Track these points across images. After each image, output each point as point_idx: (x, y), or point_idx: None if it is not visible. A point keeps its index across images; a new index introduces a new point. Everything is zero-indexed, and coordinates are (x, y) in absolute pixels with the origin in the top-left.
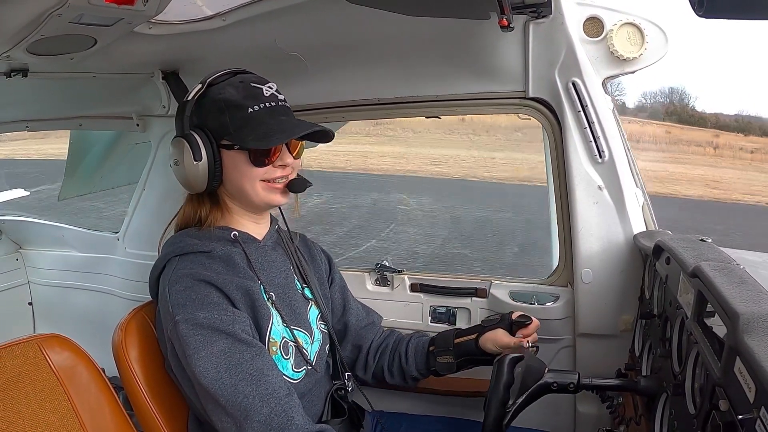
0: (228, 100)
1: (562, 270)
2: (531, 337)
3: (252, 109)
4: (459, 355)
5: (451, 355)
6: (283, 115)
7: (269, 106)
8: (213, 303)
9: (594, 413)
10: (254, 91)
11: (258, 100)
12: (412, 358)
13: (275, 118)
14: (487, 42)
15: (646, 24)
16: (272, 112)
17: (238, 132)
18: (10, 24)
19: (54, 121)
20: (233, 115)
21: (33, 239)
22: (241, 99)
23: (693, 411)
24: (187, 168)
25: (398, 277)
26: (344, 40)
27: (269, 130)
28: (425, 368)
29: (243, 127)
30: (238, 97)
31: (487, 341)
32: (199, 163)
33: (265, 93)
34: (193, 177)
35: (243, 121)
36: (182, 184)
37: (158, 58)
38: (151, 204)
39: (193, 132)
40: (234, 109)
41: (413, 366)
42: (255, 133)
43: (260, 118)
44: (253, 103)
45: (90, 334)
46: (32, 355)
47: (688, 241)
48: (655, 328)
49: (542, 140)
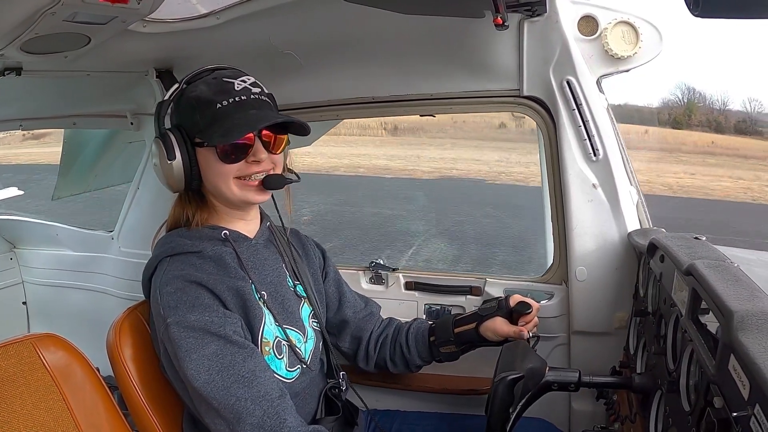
0: (199, 97)
1: (556, 268)
2: (531, 324)
3: (221, 104)
4: (461, 343)
5: (453, 345)
6: (253, 109)
7: (238, 100)
8: (204, 305)
9: (589, 410)
10: (225, 86)
11: (228, 94)
12: (414, 348)
13: (244, 112)
14: (481, 40)
15: (640, 23)
16: (241, 106)
17: (207, 129)
18: (4, 22)
19: (48, 120)
20: (203, 112)
21: (27, 238)
22: (211, 95)
23: (688, 408)
24: (163, 168)
25: (393, 275)
26: (339, 37)
27: (233, 125)
28: (429, 356)
29: (212, 124)
30: (209, 93)
31: (487, 330)
32: (173, 162)
33: (237, 87)
34: (169, 177)
35: (212, 117)
36: (163, 184)
37: (152, 57)
38: (146, 203)
39: (169, 132)
40: (204, 105)
41: (416, 355)
42: (221, 129)
43: (228, 112)
44: (223, 98)
45: (84, 333)
46: (27, 355)
47: (683, 239)
48: (649, 325)
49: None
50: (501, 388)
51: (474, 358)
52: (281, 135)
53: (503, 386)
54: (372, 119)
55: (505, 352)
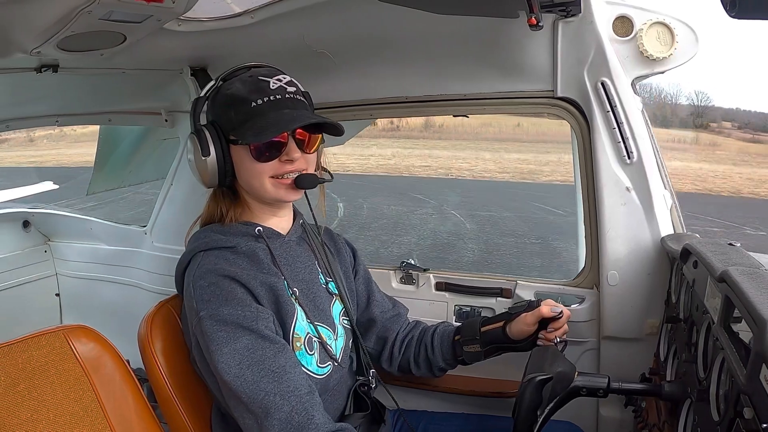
0: (234, 95)
1: (588, 272)
2: (560, 331)
3: (255, 102)
4: (486, 343)
5: (478, 344)
6: (287, 108)
7: (273, 99)
8: (237, 299)
9: (617, 417)
10: (260, 85)
11: (263, 93)
12: (438, 348)
13: (278, 111)
14: (515, 41)
15: (676, 23)
16: (276, 105)
17: (241, 126)
18: (41, 20)
19: (83, 116)
20: (238, 110)
21: (61, 232)
22: (246, 93)
23: (717, 418)
24: (197, 164)
25: (423, 275)
26: (372, 37)
27: (267, 124)
28: (452, 358)
29: (246, 122)
30: (244, 91)
31: (513, 330)
32: (207, 158)
33: (272, 86)
34: (203, 172)
35: (246, 115)
36: (197, 179)
37: (187, 55)
38: (179, 199)
39: (204, 128)
40: (239, 103)
41: (439, 356)
42: (255, 128)
43: (262, 111)
44: (257, 96)
45: (116, 325)
46: (58, 346)
47: (717, 245)
48: (680, 332)
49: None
50: (529, 389)
51: (502, 362)
52: (315, 134)
53: (531, 387)
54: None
55: (534, 355)
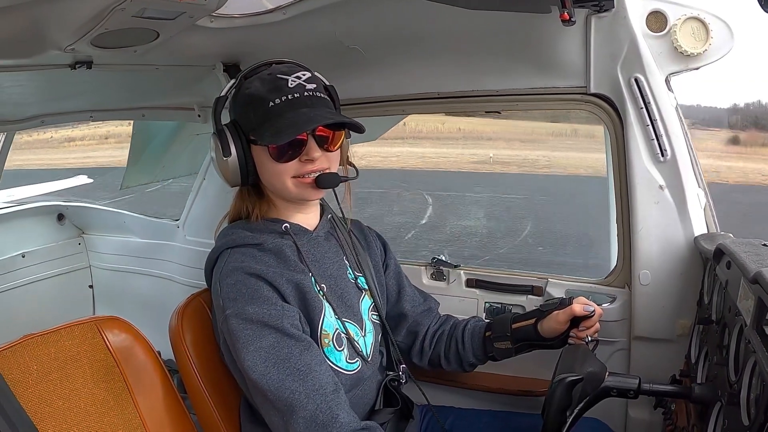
0: (252, 94)
1: (620, 270)
2: (592, 330)
3: (273, 102)
4: (517, 340)
5: (509, 341)
6: (305, 107)
7: (291, 98)
8: (263, 297)
9: (646, 418)
10: (279, 83)
11: (281, 92)
12: (469, 344)
13: (295, 111)
14: (548, 36)
15: (711, 18)
16: (293, 105)
17: (259, 127)
18: (76, 18)
19: (117, 112)
20: (256, 110)
21: (95, 225)
22: (264, 92)
23: (747, 422)
24: (219, 163)
25: (454, 271)
26: (404, 33)
27: (284, 125)
28: (482, 354)
29: (264, 122)
30: (263, 90)
31: (544, 327)
32: (228, 158)
33: (290, 84)
34: (225, 172)
35: (264, 115)
36: (221, 179)
37: (219, 51)
38: (211, 193)
39: (225, 127)
40: (257, 103)
41: (470, 352)
42: (272, 128)
43: (280, 111)
44: (275, 96)
45: (147, 317)
46: (91, 336)
47: (751, 246)
48: (712, 334)
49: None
50: (559, 389)
51: (531, 360)
52: (338, 132)
53: (562, 387)
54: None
55: (565, 355)
